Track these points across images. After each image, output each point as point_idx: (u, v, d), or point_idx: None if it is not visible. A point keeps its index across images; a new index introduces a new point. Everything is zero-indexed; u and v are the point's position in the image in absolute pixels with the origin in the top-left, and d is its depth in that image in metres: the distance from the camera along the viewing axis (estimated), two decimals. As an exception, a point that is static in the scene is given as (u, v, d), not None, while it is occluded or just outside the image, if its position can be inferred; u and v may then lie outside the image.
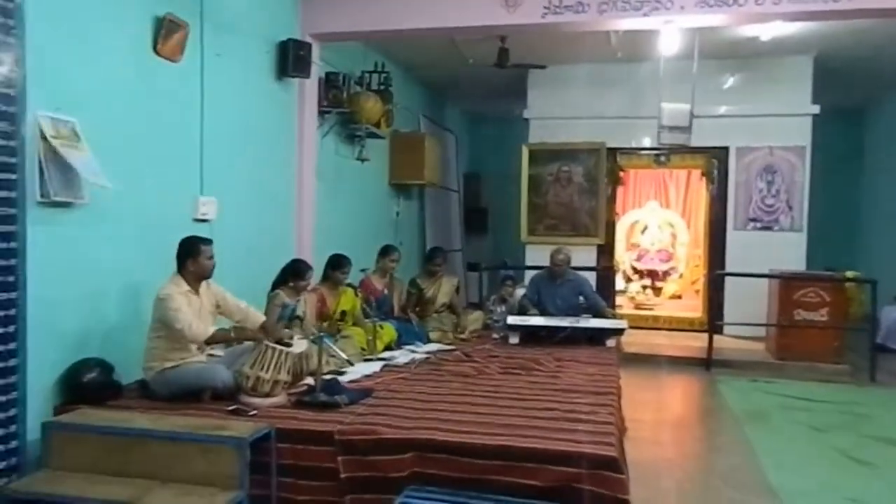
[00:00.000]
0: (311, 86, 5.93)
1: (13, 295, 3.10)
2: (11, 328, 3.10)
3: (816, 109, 8.01)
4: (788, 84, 7.98)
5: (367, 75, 7.07)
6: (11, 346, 3.10)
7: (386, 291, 5.68)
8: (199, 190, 4.59)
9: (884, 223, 10.19)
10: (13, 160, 3.09)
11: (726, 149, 8.27)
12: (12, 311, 3.10)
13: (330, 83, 6.32)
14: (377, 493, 3.04)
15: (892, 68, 8.22)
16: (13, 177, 3.09)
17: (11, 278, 3.09)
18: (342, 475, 3.11)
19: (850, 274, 7.47)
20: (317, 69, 5.96)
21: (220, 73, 4.75)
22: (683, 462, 4.31)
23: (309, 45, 5.71)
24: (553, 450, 2.94)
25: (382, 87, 7.13)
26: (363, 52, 7.18)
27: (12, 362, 3.11)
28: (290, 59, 5.51)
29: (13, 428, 3.12)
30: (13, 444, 3.12)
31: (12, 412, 3.12)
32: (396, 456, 3.06)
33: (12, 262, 3.09)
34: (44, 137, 3.28)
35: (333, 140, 6.68)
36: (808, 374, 6.53)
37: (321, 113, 6.22)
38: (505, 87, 8.99)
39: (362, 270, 5.59)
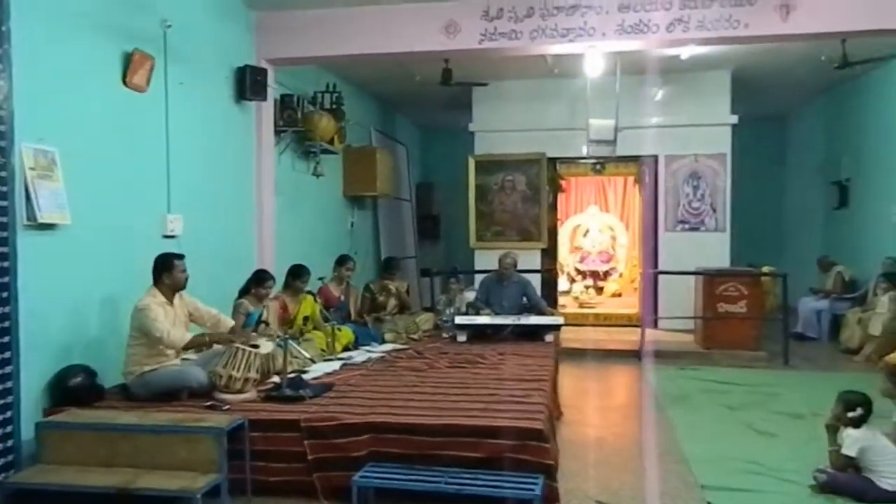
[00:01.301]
0: (267, 108, 6.35)
1: (7, 308, 3.46)
2: (6, 339, 3.46)
3: (735, 119, 8.76)
4: (709, 97, 8.71)
5: (319, 95, 7.51)
6: (7, 354, 3.46)
7: (343, 298, 6.13)
8: (166, 208, 4.98)
9: (803, 221, 11.09)
10: (4, 188, 3.46)
11: (655, 157, 8.95)
12: (6, 324, 3.46)
13: (285, 104, 6.74)
14: (340, 470, 3.49)
15: (807, 80, 9.01)
16: (4, 203, 3.46)
17: (5, 294, 3.45)
18: (309, 457, 3.56)
19: (765, 269, 8.21)
20: (272, 92, 6.39)
21: (183, 99, 5.14)
22: (610, 439, 4.87)
23: (265, 71, 6.14)
24: (490, 426, 3.46)
25: (334, 106, 7.58)
26: (315, 73, 7.62)
27: (7, 369, 3.47)
28: (248, 83, 5.93)
29: (9, 428, 3.48)
30: (10, 442, 3.48)
31: (8, 414, 3.47)
32: (355, 438, 3.54)
33: (5, 279, 3.46)
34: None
35: (290, 157, 7.11)
36: (730, 360, 7.21)
37: (278, 132, 6.64)
38: (452, 101, 9.52)
39: (320, 279, 6.04)
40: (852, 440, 3.54)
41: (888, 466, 3.48)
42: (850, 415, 3.58)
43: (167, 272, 4.07)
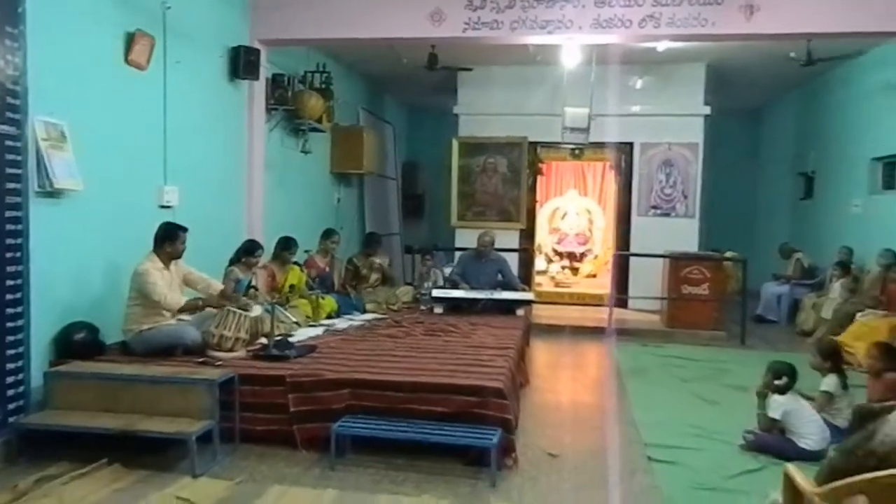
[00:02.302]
0: (259, 86, 6.65)
1: (20, 268, 3.80)
2: (18, 295, 3.80)
3: (707, 111, 9.14)
4: (683, 88, 9.08)
5: (309, 75, 7.81)
6: (19, 309, 3.81)
7: (327, 269, 6.51)
8: (163, 180, 5.30)
9: (772, 210, 11.57)
10: (18, 158, 3.78)
11: (631, 144, 9.34)
12: (19, 281, 3.80)
13: (276, 83, 7.04)
14: (320, 422, 3.89)
15: (778, 76, 9.40)
16: (18, 171, 3.78)
17: (19, 254, 3.79)
18: (292, 409, 3.96)
19: (728, 254, 8.66)
20: (265, 71, 6.68)
21: (180, 77, 5.44)
22: (568, 404, 5.32)
23: (258, 51, 6.42)
24: (455, 384, 3.88)
25: (324, 86, 7.88)
26: (306, 53, 7.91)
27: (20, 323, 3.81)
28: (241, 63, 6.22)
29: (21, 376, 3.83)
30: (21, 389, 3.83)
31: (20, 363, 3.82)
32: (335, 392, 3.94)
33: (19, 240, 3.79)
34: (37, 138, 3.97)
35: (279, 134, 7.41)
36: (691, 339, 7.67)
37: (268, 110, 6.94)
38: (439, 84, 9.81)
39: (306, 251, 6.40)
40: (777, 405, 3.98)
41: (807, 428, 3.93)
42: (777, 382, 4.02)
43: (170, 241, 4.42)
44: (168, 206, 5.31)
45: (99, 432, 3.62)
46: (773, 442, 3.97)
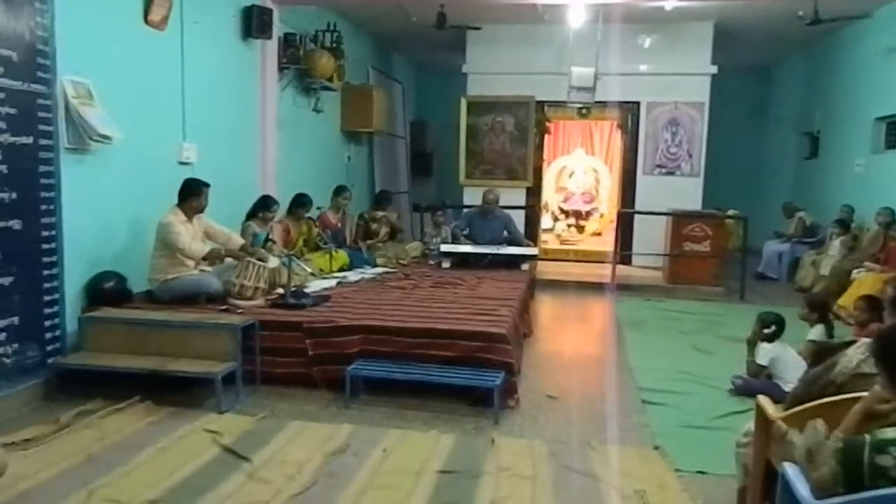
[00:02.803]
0: (271, 46, 6.79)
1: (53, 219, 4.05)
2: (53, 245, 4.06)
3: (714, 70, 9.18)
4: (691, 47, 9.11)
5: (320, 34, 7.92)
6: (54, 258, 4.07)
7: (339, 224, 6.75)
8: (182, 137, 5.51)
9: (777, 170, 11.66)
10: (50, 115, 3.99)
11: (638, 103, 9.42)
12: (53, 232, 4.05)
13: (288, 43, 7.17)
14: (335, 364, 4.17)
15: (786, 34, 9.40)
16: (50, 128, 4.00)
17: (52, 207, 4.03)
18: (309, 353, 4.24)
19: (730, 212, 8.83)
20: (277, 30, 6.81)
21: (196, 37, 5.60)
22: (569, 353, 5.60)
23: (270, 10, 6.55)
24: (462, 329, 4.14)
25: (334, 45, 7.99)
26: (316, 12, 7.99)
27: (55, 271, 4.08)
28: (255, 22, 6.36)
29: (56, 321, 4.11)
30: (57, 332, 4.12)
31: (56, 308, 4.10)
32: (349, 337, 4.21)
33: (52, 194, 4.03)
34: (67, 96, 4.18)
35: (291, 93, 7.56)
36: (692, 294, 7.90)
37: (281, 69, 7.09)
38: (447, 42, 9.87)
39: (318, 208, 6.62)
40: (765, 352, 4.23)
41: (792, 374, 4.15)
42: (766, 331, 4.26)
43: (195, 196, 4.67)
44: (187, 163, 5.53)
45: (131, 372, 3.91)
46: (759, 386, 4.20)
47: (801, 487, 1.74)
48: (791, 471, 1.84)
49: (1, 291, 3.71)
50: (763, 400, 2.41)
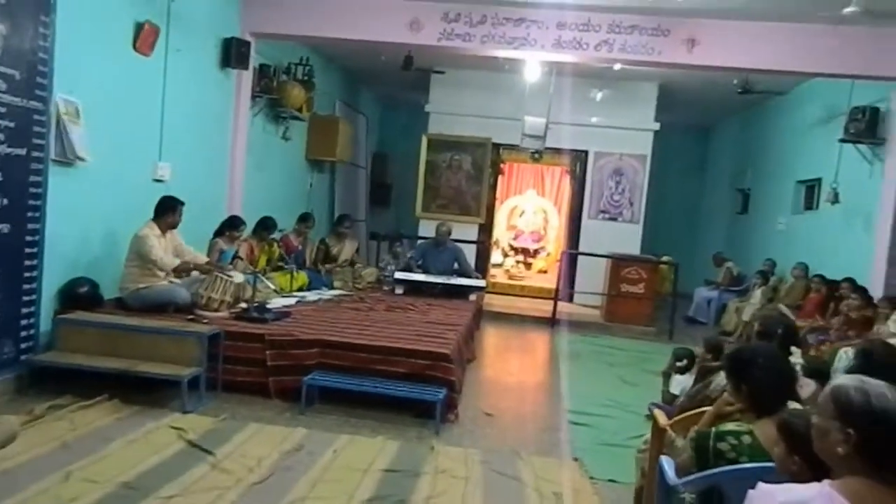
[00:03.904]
0: (247, 76, 7.21)
1: (38, 226, 4.36)
2: (35, 249, 4.36)
3: (657, 126, 9.96)
4: (637, 104, 9.89)
5: (293, 66, 8.37)
6: (35, 261, 4.36)
7: (300, 247, 7.13)
8: (158, 157, 5.86)
9: (713, 222, 12.52)
10: (43, 130, 4.33)
11: (586, 152, 10.13)
12: (37, 238, 4.36)
13: (263, 73, 7.61)
14: (293, 375, 4.54)
15: (723, 99, 10.25)
16: (42, 142, 4.34)
17: (38, 214, 4.35)
18: (269, 363, 4.60)
19: (664, 258, 9.53)
20: (253, 61, 7.24)
21: (178, 64, 5.99)
22: (508, 378, 6.08)
23: (248, 43, 6.98)
24: (411, 348, 4.57)
25: (306, 78, 8.46)
26: (291, 46, 8.46)
27: (34, 273, 4.37)
28: (233, 53, 6.78)
29: (32, 320, 4.39)
30: (31, 331, 4.39)
31: (32, 308, 4.38)
32: (307, 350, 4.59)
33: (38, 202, 4.35)
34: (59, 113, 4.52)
35: (262, 120, 7.97)
36: (626, 332, 8.49)
37: (253, 97, 7.49)
38: (413, 81, 10.40)
39: (280, 230, 7.01)
40: (677, 382, 4.76)
41: (700, 403, 4.72)
42: (678, 364, 4.80)
43: (171, 212, 5.02)
44: (161, 181, 5.87)
45: (103, 371, 4.22)
46: (671, 413, 4.75)
47: (669, 471, 2.23)
48: (664, 460, 2.32)
49: (-15, 289, 3.99)
50: (657, 413, 2.92)
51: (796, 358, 3.07)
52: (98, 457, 3.40)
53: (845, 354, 4.41)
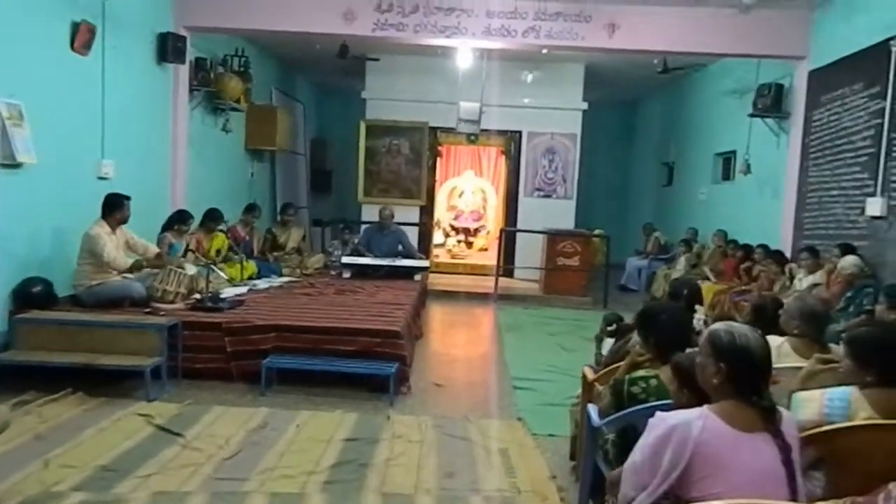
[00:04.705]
0: (184, 70, 7.28)
1: (-11, 229, 4.45)
2: (-12, 252, 4.46)
3: (585, 106, 10.44)
4: (565, 85, 10.32)
5: (229, 58, 8.44)
6: (-11, 264, 4.46)
7: (247, 238, 7.30)
8: (101, 155, 5.93)
9: (641, 194, 13.17)
10: (-12, 135, 4.41)
11: (520, 132, 10.54)
12: (-11, 241, 4.46)
13: (199, 66, 7.67)
14: (252, 359, 4.78)
15: (646, 76, 10.77)
16: (-12, 146, 4.42)
17: (-11, 218, 4.44)
18: (228, 349, 4.83)
19: (596, 231, 10.06)
20: (189, 55, 7.31)
21: (115, 62, 6.05)
22: (454, 351, 6.46)
23: (184, 38, 7.06)
24: (362, 328, 4.88)
25: (242, 69, 8.54)
26: (226, 37, 8.52)
27: (-11, 276, 4.47)
28: (169, 48, 6.85)
29: (-11, 322, 4.50)
30: (-11, 333, 4.50)
31: (-12, 311, 4.49)
32: (263, 335, 4.84)
33: (-11, 206, 4.44)
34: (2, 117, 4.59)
35: (201, 113, 8.04)
36: (563, 303, 8.98)
37: (191, 91, 7.57)
38: (348, 67, 10.56)
39: (225, 222, 7.15)
40: (607, 345, 5.20)
41: (629, 362, 5.19)
42: (609, 329, 5.24)
43: (118, 209, 5.14)
44: (105, 178, 5.95)
45: (66, 366, 4.36)
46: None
47: (594, 415, 2.62)
48: (590, 407, 2.72)
49: (-57, 293, 4.09)
50: (586, 369, 3.32)
51: (699, 314, 3.52)
52: (73, 444, 3.60)
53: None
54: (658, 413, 1.86)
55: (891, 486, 1.80)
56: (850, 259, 5.48)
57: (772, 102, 7.55)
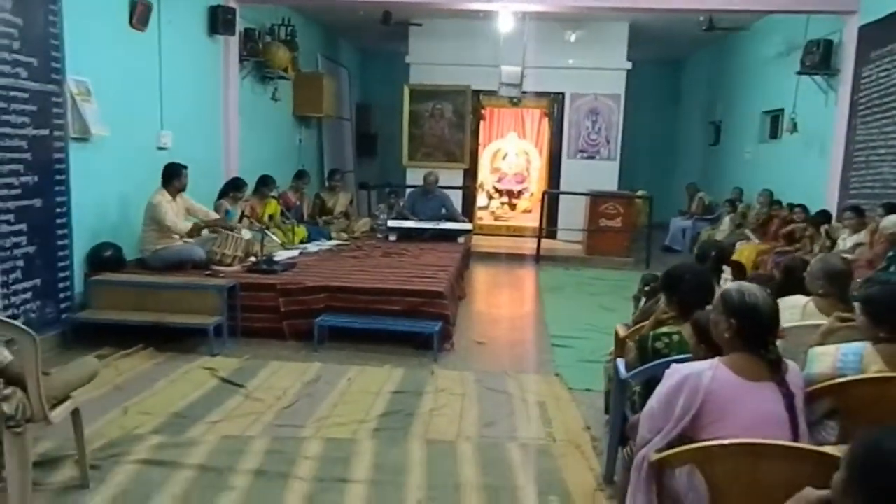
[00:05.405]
0: (234, 41, 7.53)
1: (65, 198, 4.83)
2: (65, 220, 4.84)
3: (629, 66, 10.33)
4: (609, 44, 10.23)
5: (276, 28, 8.66)
6: (65, 230, 4.85)
7: (298, 203, 7.61)
8: (160, 126, 6.27)
9: (687, 154, 13.03)
10: (61, 110, 4.75)
11: (563, 94, 10.53)
12: (64, 209, 4.84)
13: (248, 37, 7.92)
14: (304, 318, 5.10)
15: (693, 34, 10.57)
16: (61, 121, 4.76)
17: (63, 188, 4.81)
18: (282, 309, 5.15)
19: (639, 192, 10.07)
20: (238, 26, 7.55)
21: (170, 36, 6.32)
22: (496, 311, 6.69)
23: (233, 9, 7.29)
24: (408, 288, 5.14)
25: (289, 38, 8.76)
26: (272, 7, 8.73)
27: (66, 241, 4.87)
28: (220, 20, 7.10)
29: (68, 283, 4.91)
30: (68, 293, 4.91)
31: (67, 273, 4.89)
32: (315, 296, 5.14)
33: (63, 177, 4.80)
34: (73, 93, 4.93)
35: (251, 82, 8.31)
36: (606, 264, 9.09)
37: (241, 61, 7.83)
38: (391, 31, 10.68)
39: (276, 187, 7.47)
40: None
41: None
42: (646, 289, 5.38)
43: (177, 177, 5.47)
44: (164, 148, 6.29)
45: (136, 324, 4.76)
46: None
47: (622, 368, 2.82)
48: (618, 361, 2.91)
49: (27, 258, 4.49)
50: (619, 327, 3.50)
51: (727, 275, 3.65)
52: (148, 394, 3.98)
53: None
54: (673, 364, 2.05)
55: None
56: (893, 218, 5.45)
57: (820, 59, 7.40)
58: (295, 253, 6.42)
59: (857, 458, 1.27)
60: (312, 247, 6.84)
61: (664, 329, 2.68)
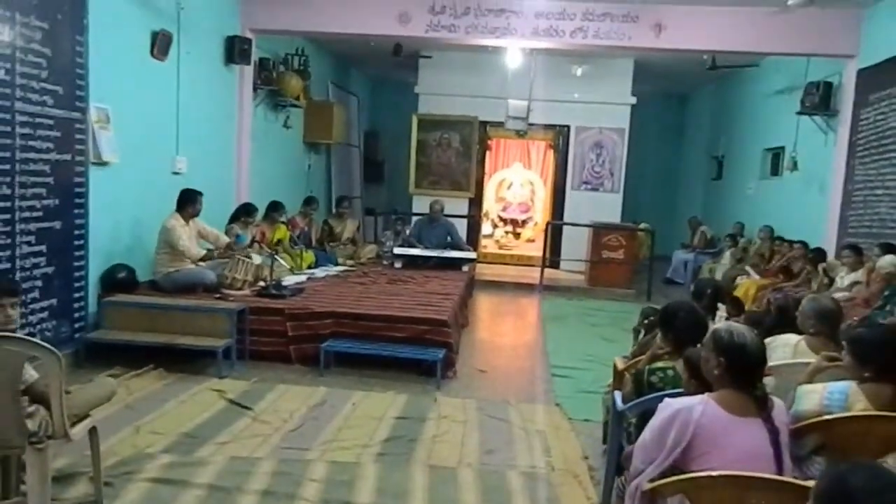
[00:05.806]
0: (249, 70, 7.76)
1: (83, 221, 4.99)
2: (82, 241, 5.00)
3: (634, 101, 10.55)
4: (614, 79, 10.45)
5: (289, 57, 8.90)
6: (82, 252, 5.00)
7: (306, 228, 7.77)
8: (175, 151, 6.45)
9: (690, 188, 13.20)
10: (83, 136, 4.93)
11: (568, 127, 10.74)
12: (83, 231, 4.99)
13: (262, 66, 8.14)
14: (311, 343, 5.22)
15: (696, 71, 10.80)
16: (83, 147, 4.94)
17: (82, 211, 4.97)
18: (290, 333, 5.28)
19: (641, 225, 10.22)
20: (254, 56, 7.78)
21: (189, 65, 6.54)
22: (498, 339, 6.80)
23: (250, 40, 7.52)
24: (412, 316, 5.26)
25: (301, 68, 8.99)
26: (287, 38, 8.98)
27: (82, 262, 5.01)
28: (236, 50, 7.33)
29: (83, 303, 5.04)
30: (82, 313, 5.05)
31: (82, 293, 5.03)
32: (322, 321, 5.27)
33: (82, 200, 4.97)
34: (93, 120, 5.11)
35: (263, 110, 8.52)
36: (608, 295, 9.21)
37: (255, 89, 8.05)
38: (401, 62, 10.94)
39: (285, 213, 7.64)
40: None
41: (665, 355, 5.43)
42: (645, 322, 5.49)
43: (192, 203, 5.64)
44: (179, 173, 6.47)
45: (147, 345, 4.88)
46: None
47: (619, 400, 2.93)
48: (616, 393, 3.02)
49: (46, 279, 4.64)
50: (617, 359, 3.62)
51: (722, 312, 3.76)
52: (158, 414, 4.09)
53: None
54: (665, 399, 2.16)
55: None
56: (888, 258, 5.58)
57: (820, 100, 7.59)
58: (303, 278, 6.56)
59: (824, 493, 1.38)
60: (320, 272, 6.98)
61: (660, 364, 2.80)
